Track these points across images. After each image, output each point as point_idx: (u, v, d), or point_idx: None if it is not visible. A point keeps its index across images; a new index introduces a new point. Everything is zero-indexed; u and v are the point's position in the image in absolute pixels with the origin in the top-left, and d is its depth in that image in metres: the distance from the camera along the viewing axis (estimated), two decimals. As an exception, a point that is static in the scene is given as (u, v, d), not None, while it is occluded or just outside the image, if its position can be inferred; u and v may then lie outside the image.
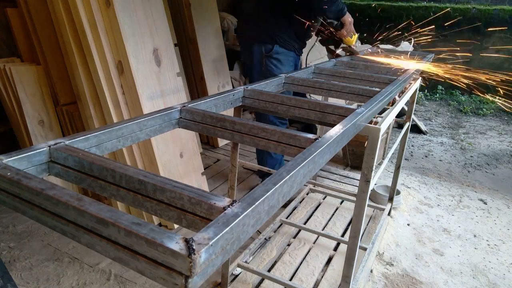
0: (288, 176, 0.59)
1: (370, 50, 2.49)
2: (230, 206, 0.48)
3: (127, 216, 0.44)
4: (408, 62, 1.97)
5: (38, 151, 0.69)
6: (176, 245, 0.39)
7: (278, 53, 2.20)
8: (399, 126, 4.17)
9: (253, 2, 2.30)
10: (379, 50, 2.50)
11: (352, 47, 2.20)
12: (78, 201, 0.49)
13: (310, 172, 0.71)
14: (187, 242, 0.39)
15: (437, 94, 6.11)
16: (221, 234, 0.42)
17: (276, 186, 0.56)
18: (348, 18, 2.09)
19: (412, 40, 3.31)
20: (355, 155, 3.10)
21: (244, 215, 0.47)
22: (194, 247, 0.38)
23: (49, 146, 0.71)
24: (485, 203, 2.71)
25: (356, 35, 2.19)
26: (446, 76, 2.08)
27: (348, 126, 0.90)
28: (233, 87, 3.52)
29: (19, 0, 2.25)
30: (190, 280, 0.39)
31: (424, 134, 4.37)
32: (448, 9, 5.61)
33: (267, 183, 0.56)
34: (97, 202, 0.48)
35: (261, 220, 0.53)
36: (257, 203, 0.50)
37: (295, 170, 0.62)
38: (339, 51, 2.25)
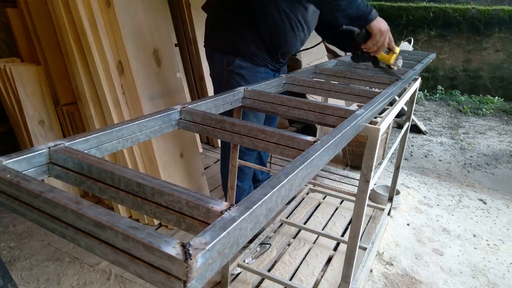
0: (286, 180, 0.59)
1: None
2: (228, 210, 0.48)
3: (124, 220, 0.44)
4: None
5: (37, 152, 0.69)
6: (173, 249, 0.39)
7: (241, 67, 1.79)
8: (399, 126, 4.17)
9: (215, 1, 1.86)
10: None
11: (393, 67, 1.67)
12: (77, 204, 0.49)
13: (309, 174, 0.71)
14: (184, 246, 0.40)
15: (437, 94, 6.11)
16: (218, 239, 0.42)
17: (274, 190, 0.56)
18: (379, 26, 1.50)
19: (412, 40, 3.30)
20: (355, 155, 3.10)
21: (242, 219, 0.47)
22: (190, 252, 0.39)
23: (49, 148, 0.71)
24: (485, 203, 2.71)
25: (396, 53, 1.61)
26: None
27: (347, 128, 0.90)
28: (233, 86, 3.51)
29: (19, 0, 2.25)
30: (189, 285, 0.39)
31: (424, 134, 4.37)
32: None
33: (265, 187, 0.56)
34: (96, 206, 0.49)
35: (260, 224, 0.54)
36: (254, 207, 0.50)
37: (293, 173, 0.62)
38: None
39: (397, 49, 1.63)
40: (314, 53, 3.71)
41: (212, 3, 1.89)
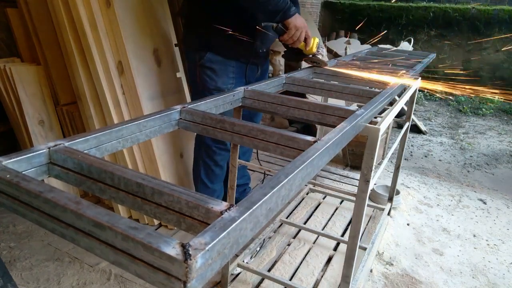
0: (286, 180, 0.59)
1: (360, 54, 2.35)
2: (227, 210, 0.48)
3: (124, 220, 0.44)
4: (390, 78, 1.65)
5: (37, 152, 0.69)
6: (173, 250, 0.39)
7: (212, 61, 1.81)
8: (399, 126, 4.17)
9: (186, 2, 1.88)
10: (355, 60, 2.09)
11: (318, 56, 1.79)
12: (76, 204, 0.49)
13: (309, 174, 0.71)
14: (184, 247, 0.40)
15: (437, 94, 6.11)
16: (217, 239, 0.42)
17: (274, 190, 0.56)
18: (295, 22, 1.63)
19: (412, 40, 3.30)
20: (355, 155, 3.10)
21: (241, 219, 0.47)
22: (190, 252, 0.39)
23: (49, 148, 0.71)
24: (485, 203, 2.71)
25: (316, 41, 1.74)
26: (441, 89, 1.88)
27: (347, 128, 0.90)
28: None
29: (19, 0, 2.25)
30: (189, 285, 0.39)
31: (424, 134, 4.37)
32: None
33: (265, 187, 0.56)
34: (95, 206, 0.48)
35: (260, 224, 0.54)
36: (254, 207, 0.50)
37: (293, 173, 0.62)
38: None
39: (314, 40, 1.75)
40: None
41: (184, 5, 1.91)
